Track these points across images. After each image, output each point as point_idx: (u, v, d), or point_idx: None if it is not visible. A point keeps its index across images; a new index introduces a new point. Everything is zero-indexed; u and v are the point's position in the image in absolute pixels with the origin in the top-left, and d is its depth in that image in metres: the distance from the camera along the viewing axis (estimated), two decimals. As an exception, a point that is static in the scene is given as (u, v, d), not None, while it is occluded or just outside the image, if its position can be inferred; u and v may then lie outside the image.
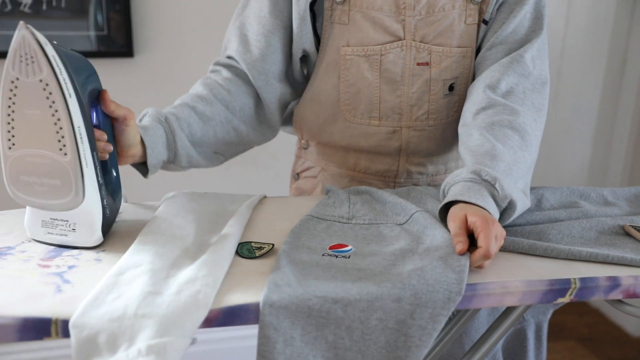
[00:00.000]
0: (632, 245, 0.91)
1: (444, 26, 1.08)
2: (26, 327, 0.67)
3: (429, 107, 1.13)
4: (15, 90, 0.75)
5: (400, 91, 1.12)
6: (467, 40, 1.10)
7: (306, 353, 0.71)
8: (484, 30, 1.11)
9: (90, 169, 0.81)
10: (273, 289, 0.72)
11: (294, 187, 1.36)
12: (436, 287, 0.74)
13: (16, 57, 0.74)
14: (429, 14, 1.07)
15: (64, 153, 0.78)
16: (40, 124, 0.76)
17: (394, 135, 1.15)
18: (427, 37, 1.09)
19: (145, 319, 0.66)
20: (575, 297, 0.81)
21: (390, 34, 1.08)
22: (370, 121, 1.14)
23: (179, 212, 0.95)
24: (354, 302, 0.72)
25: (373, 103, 1.12)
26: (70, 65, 0.78)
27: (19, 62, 0.74)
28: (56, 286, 0.73)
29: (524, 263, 0.85)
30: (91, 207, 0.83)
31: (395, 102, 1.12)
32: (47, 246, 0.85)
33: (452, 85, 1.12)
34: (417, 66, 1.10)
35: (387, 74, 1.10)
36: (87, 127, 0.80)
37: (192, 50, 1.93)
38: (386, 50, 1.08)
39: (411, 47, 1.09)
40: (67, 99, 0.76)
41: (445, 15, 1.08)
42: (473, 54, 1.12)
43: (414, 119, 1.14)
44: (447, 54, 1.10)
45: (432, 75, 1.11)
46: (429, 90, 1.12)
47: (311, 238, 0.90)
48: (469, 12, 1.08)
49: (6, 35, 1.73)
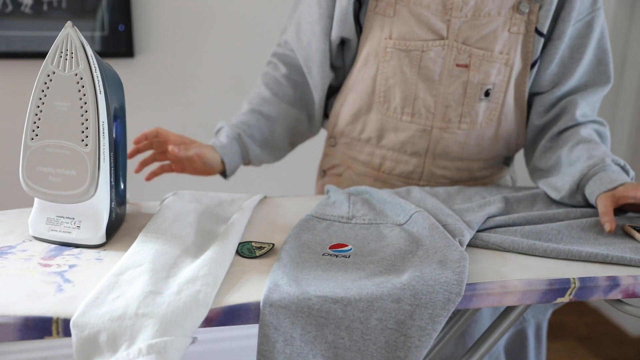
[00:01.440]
0: (632, 245, 0.91)
1: (487, 31, 1.08)
2: (27, 326, 0.67)
3: (463, 110, 1.13)
4: (49, 84, 0.81)
5: (436, 90, 1.12)
6: (509, 48, 1.10)
7: (306, 353, 0.71)
8: (539, 41, 1.11)
9: (105, 165, 0.85)
10: (273, 288, 0.72)
11: (319, 184, 1.38)
12: (436, 287, 0.74)
13: (57, 52, 0.81)
14: (474, 17, 1.07)
15: (85, 144, 0.82)
16: (67, 116, 0.82)
17: (424, 134, 1.15)
18: (470, 40, 1.09)
19: (146, 319, 0.67)
20: (574, 296, 0.81)
21: (433, 32, 1.08)
22: (403, 116, 1.15)
23: (179, 212, 0.95)
24: (353, 302, 0.72)
25: (408, 98, 1.13)
26: (105, 73, 0.84)
27: (59, 56, 0.81)
28: (57, 285, 0.74)
29: (523, 263, 0.85)
30: (100, 204, 0.85)
31: (429, 100, 1.13)
32: (48, 245, 0.86)
33: (489, 91, 1.12)
34: (456, 67, 1.10)
35: (425, 71, 1.11)
36: (109, 127, 0.85)
37: (193, 50, 1.93)
38: (428, 47, 1.09)
39: (453, 47, 1.09)
40: (97, 94, 0.82)
41: (491, 20, 1.07)
42: (517, 65, 1.12)
43: (446, 120, 1.14)
44: (487, 59, 1.10)
45: (470, 78, 1.11)
46: (464, 93, 1.12)
47: (311, 238, 0.90)
48: (514, 21, 1.08)
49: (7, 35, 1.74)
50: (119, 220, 0.93)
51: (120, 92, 0.92)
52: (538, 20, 1.08)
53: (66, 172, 0.83)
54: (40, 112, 0.82)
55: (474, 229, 0.92)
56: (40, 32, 1.75)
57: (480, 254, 0.88)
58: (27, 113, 0.82)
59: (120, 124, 0.92)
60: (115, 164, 0.90)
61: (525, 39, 1.10)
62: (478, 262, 0.84)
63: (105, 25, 1.80)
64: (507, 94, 1.14)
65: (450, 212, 0.97)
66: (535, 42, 1.11)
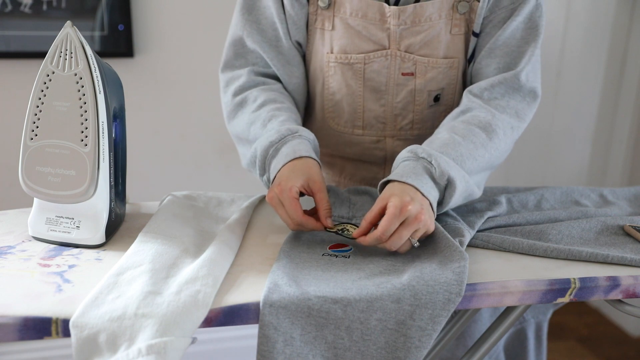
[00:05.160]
0: (632, 246, 0.91)
1: (430, 36, 1.05)
2: (26, 326, 0.67)
3: (414, 117, 1.11)
4: (48, 84, 0.81)
5: (385, 100, 1.09)
6: (453, 51, 1.07)
7: (306, 353, 0.71)
8: (474, 42, 1.07)
9: (105, 165, 0.85)
10: (273, 288, 0.72)
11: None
12: (436, 288, 0.74)
13: (57, 52, 0.81)
14: (414, 24, 1.04)
15: (84, 144, 0.82)
16: (66, 115, 0.82)
17: (378, 144, 1.14)
18: (413, 47, 1.06)
19: (146, 319, 0.66)
20: (575, 297, 0.81)
21: (374, 42, 1.05)
22: (354, 130, 1.12)
23: (179, 212, 0.95)
24: (353, 302, 0.72)
25: (357, 112, 1.11)
26: (105, 73, 0.84)
27: (58, 56, 0.81)
28: (56, 285, 0.74)
29: (524, 263, 0.85)
30: (99, 204, 0.85)
31: (379, 111, 1.10)
32: (47, 245, 0.86)
33: (438, 96, 1.10)
34: (402, 76, 1.07)
35: (371, 83, 1.08)
36: (109, 127, 0.85)
37: (193, 50, 1.93)
38: (370, 59, 1.06)
39: (396, 56, 1.06)
40: (97, 94, 0.81)
41: (432, 25, 1.04)
42: (460, 65, 1.08)
43: (398, 128, 1.12)
44: (432, 65, 1.07)
45: (417, 86, 1.08)
46: (413, 101, 1.09)
47: (311, 238, 0.90)
48: (455, 22, 1.05)
49: (7, 35, 1.73)
50: (118, 220, 0.92)
51: (120, 92, 0.92)
52: (475, 20, 1.05)
53: (65, 172, 0.82)
54: (39, 112, 0.82)
55: (474, 229, 0.92)
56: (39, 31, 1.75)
57: (480, 254, 0.88)
58: (27, 113, 0.82)
59: (120, 124, 0.92)
60: (115, 164, 0.89)
61: (466, 38, 1.07)
62: (478, 262, 0.84)
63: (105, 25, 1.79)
64: (457, 95, 1.11)
65: (451, 211, 0.97)
66: (470, 42, 1.07)
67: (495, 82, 1.03)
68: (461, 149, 0.93)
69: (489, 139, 0.97)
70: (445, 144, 0.93)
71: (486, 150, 0.96)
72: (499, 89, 1.03)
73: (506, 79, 1.02)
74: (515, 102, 1.03)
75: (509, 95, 1.03)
